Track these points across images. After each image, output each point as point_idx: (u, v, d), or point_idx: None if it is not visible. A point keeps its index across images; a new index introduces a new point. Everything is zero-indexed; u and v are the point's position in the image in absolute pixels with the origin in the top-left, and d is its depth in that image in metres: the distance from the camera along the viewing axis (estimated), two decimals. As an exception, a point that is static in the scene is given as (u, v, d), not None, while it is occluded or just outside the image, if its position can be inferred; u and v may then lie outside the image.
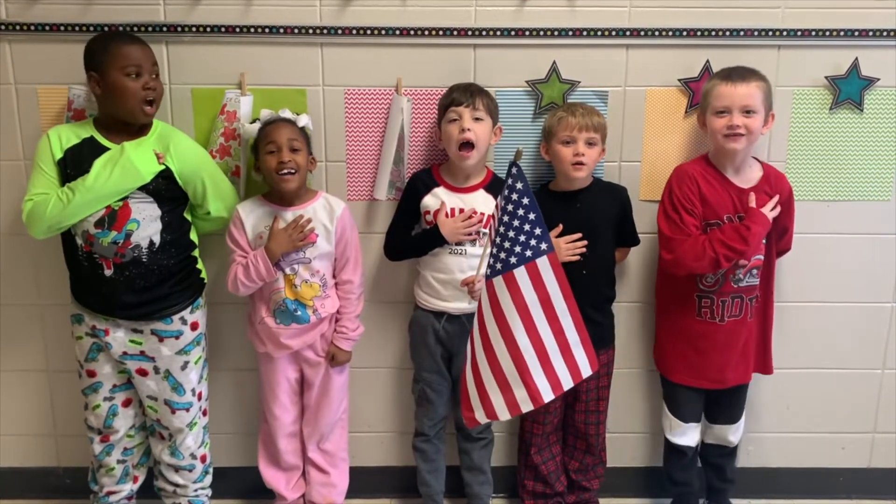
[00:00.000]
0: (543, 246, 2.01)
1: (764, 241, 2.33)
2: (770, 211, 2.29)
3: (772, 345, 2.47)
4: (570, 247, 2.35)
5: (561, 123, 2.32)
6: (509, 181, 1.98)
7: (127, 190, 2.18)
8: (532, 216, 1.99)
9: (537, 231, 2.00)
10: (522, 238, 1.99)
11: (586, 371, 2.11)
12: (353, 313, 2.43)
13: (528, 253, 2.00)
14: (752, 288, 2.36)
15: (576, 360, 2.08)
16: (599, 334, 2.45)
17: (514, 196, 1.98)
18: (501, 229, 2.00)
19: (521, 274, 2.00)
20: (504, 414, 2.08)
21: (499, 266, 2.01)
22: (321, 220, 2.34)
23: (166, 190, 2.23)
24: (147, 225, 2.21)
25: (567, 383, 2.09)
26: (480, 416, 2.10)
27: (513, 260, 2.00)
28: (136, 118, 2.20)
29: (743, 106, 2.23)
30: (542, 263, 2.01)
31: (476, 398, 2.09)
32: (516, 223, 1.99)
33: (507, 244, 2.00)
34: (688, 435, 2.50)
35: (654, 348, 2.55)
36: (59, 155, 2.21)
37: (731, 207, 2.31)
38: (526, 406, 2.06)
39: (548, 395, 2.07)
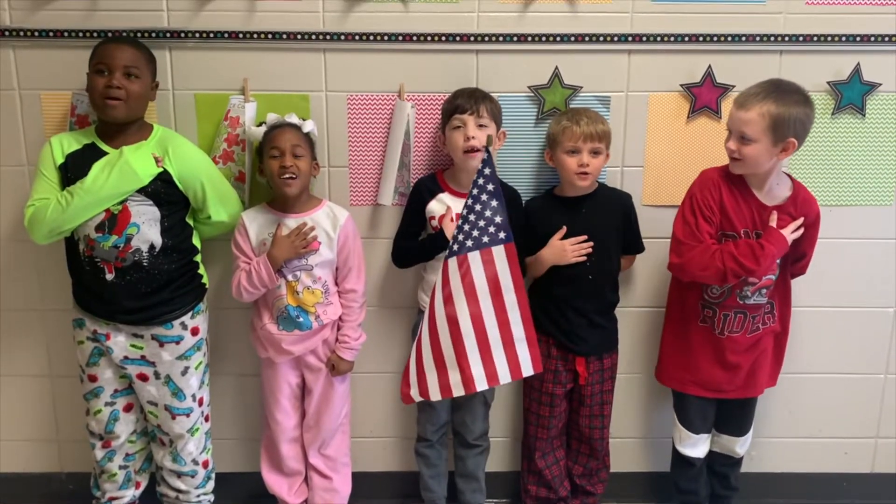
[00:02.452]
0: (501, 235, 2.02)
1: (778, 262, 2.29)
2: (791, 233, 2.24)
3: (783, 361, 2.46)
4: (576, 248, 2.35)
5: (565, 133, 2.32)
6: (479, 165, 1.98)
7: (125, 192, 2.18)
8: (494, 203, 2.00)
9: (497, 219, 2.00)
10: (482, 223, 2.00)
11: (527, 370, 2.11)
12: (356, 322, 2.43)
13: (486, 239, 2.01)
14: (758, 307, 2.32)
15: (517, 355, 2.09)
16: (603, 338, 2.46)
17: (481, 181, 1.99)
18: (465, 212, 2.01)
19: (474, 258, 2.02)
20: (436, 395, 2.10)
21: (456, 248, 2.02)
22: (324, 227, 2.35)
23: (165, 193, 2.23)
24: (147, 229, 2.22)
25: (504, 377, 2.10)
26: (415, 394, 2.13)
27: (469, 243, 2.01)
28: (101, 113, 2.21)
29: (739, 132, 2.18)
30: (498, 252, 2.02)
31: (414, 375, 2.11)
32: (478, 208, 2.00)
33: (466, 227, 2.01)
34: (698, 447, 2.49)
35: (659, 356, 2.52)
36: (60, 160, 2.22)
37: (750, 222, 2.26)
38: (458, 390, 2.08)
39: (481, 385, 2.08)
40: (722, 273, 2.20)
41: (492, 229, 2.00)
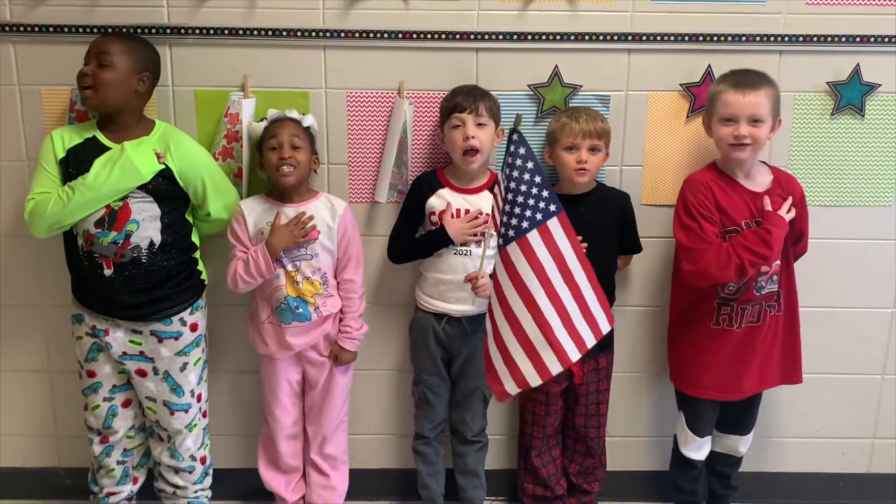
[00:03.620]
0: (553, 207, 2.00)
1: None
2: (786, 213, 2.26)
3: (801, 353, 2.43)
4: None
5: (564, 130, 2.32)
6: (511, 147, 1.97)
7: (126, 189, 2.19)
8: (538, 179, 1.98)
9: (545, 194, 1.99)
10: (532, 202, 1.98)
11: (605, 328, 2.09)
12: (356, 312, 2.43)
13: (539, 216, 1.99)
14: (772, 294, 2.32)
15: (595, 316, 2.08)
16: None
17: (519, 161, 1.97)
18: (510, 196, 1.99)
19: (534, 238, 2.00)
20: (535, 380, 2.06)
21: (511, 233, 2.00)
22: (323, 217, 2.35)
23: (166, 190, 2.24)
24: (147, 225, 2.22)
25: (590, 341, 2.08)
26: (511, 388, 2.08)
27: (525, 225, 1.99)
28: (82, 102, 2.25)
29: (750, 116, 2.20)
30: (554, 225, 2.01)
31: (504, 369, 2.07)
32: (524, 188, 1.98)
33: (517, 210, 1.99)
34: (703, 449, 2.49)
35: (670, 361, 2.51)
36: (61, 154, 2.22)
37: (748, 213, 2.28)
38: (555, 368, 2.05)
39: (574, 356, 2.06)
40: (740, 267, 2.19)
41: (542, 205, 1.98)
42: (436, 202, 2.38)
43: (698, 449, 2.49)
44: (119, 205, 2.20)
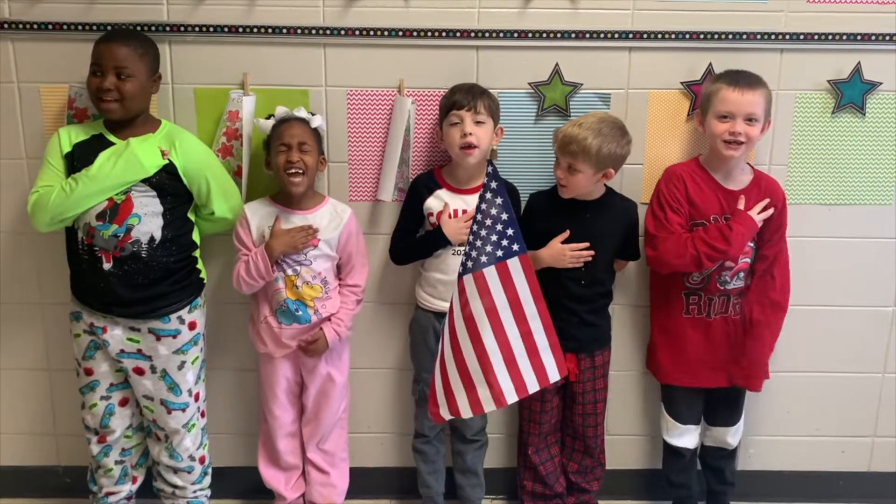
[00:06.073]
0: (515, 247, 2.01)
1: (751, 245, 2.34)
2: (758, 214, 2.29)
3: (768, 359, 2.45)
4: (575, 255, 2.35)
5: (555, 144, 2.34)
6: (484, 180, 1.99)
7: (129, 181, 2.19)
8: (505, 216, 1.99)
9: (510, 231, 2.00)
10: (494, 238, 2.00)
11: (554, 376, 2.12)
12: (353, 311, 2.43)
13: (500, 253, 2.01)
14: (739, 290, 2.38)
15: (543, 363, 2.10)
16: (595, 336, 2.46)
17: (488, 195, 1.99)
18: (475, 227, 2.01)
19: (490, 273, 2.01)
20: (467, 412, 2.10)
21: (470, 264, 2.02)
22: (327, 225, 2.35)
23: (169, 185, 2.24)
24: (148, 220, 2.22)
25: (532, 386, 2.11)
26: (445, 413, 2.12)
27: (483, 259, 2.01)
28: (101, 112, 2.23)
29: (747, 114, 2.24)
30: (513, 264, 2.02)
31: (442, 394, 2.11)
32: (489, 222, 2.00)
33: (478, 243, 2.01)
34: (685, 437, 2.51)
35: (648, 349, 2.57)
36: (67, 149, 2.23)
37: (718, 208, 2.32)
38: (489, 406, 2.09)
39: (511, 397, 2.09)
40: (696, 258, 2.26)
41: (505, 242, 1.99)
42: (433, 203, 2.38)
43: (681, 436, 2.51)
44: (122, 198, 2.20)
